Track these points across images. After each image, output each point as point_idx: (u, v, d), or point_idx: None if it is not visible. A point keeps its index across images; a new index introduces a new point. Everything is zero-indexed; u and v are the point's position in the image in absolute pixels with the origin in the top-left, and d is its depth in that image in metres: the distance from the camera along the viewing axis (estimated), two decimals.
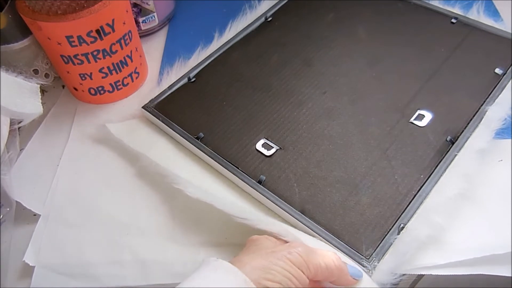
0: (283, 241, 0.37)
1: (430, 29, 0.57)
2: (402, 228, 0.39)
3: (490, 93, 0.48)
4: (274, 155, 0.46)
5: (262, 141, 0.47)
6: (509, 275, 0.36)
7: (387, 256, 0.37)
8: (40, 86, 0.49)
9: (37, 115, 0.48)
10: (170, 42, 0.64)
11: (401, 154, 0.44)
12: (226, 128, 0.49)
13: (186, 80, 0.54)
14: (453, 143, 0.44)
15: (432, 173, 0.42)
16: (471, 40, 0.54)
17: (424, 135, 0.45)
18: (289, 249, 0.32)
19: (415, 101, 0.49)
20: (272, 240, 0.36)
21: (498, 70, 0.50)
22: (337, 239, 0.39)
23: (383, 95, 0.50)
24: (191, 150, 0.48)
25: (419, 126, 0.46)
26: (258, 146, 0.46)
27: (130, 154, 0.50)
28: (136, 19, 0.61)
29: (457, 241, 0.39)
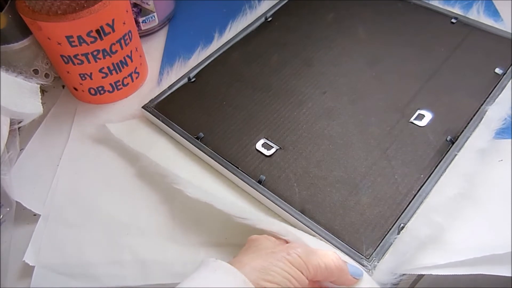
0: (283, 241, 0.37)
1: (430, 29, 0.57)
2: (402, 228, 0.39)
3: (490, 93, 0.48)
4: (274, 155, 0.46)
5: (262, 141, 0.47)
6: (509, 275, 0.36)
7: (387, 256, 0.37)
8: (40, 86, 0.49)
9: (37, 115, 0.48)
10: (170, 42, 0.64)
11: (401, 154, 0.44)
12: (226, 128, 0.49)
13: (186, 80, 0.54)
14: (453, 143, 0.44)
15: (432, 173, 0.42)
16: (471, 40, 0.54)
17: (424, 135, 0.45)
18: (288, 250, 0.32)
19: (415, 101, 0.49)
20: (272, 240, 0.36)
21: (498, 70, 0.50)
22: (337, 239, 0.39)
23: (383, 95, 0.50)
24: (191, 150, 0.48)
25: (419, 126, 0.46)
26: (258, 146, 0.46)
27: (130, 154, 0.50)
28: (136, 19, 0.61)
29: (457, 241, 0.39)
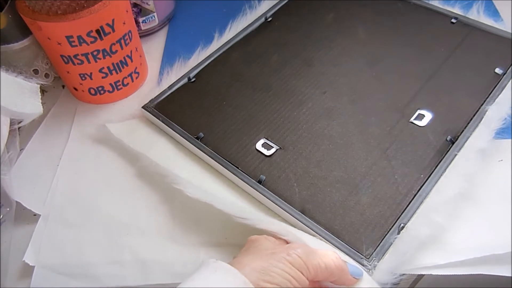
0: (283, 241, 0.37)
1: (430, 29, 0.57)
2: (402, 228, 0.39)
3: (490, 93, 0.48)
4: (274, 155, 0.46)
5: (262, 141, 0.47)
6: (509, 275, 0.36)
7: (387, 256, 0.37)
8: (40, 86, 0.49)
9: (37, 115, 0.48)
10: (170, 42, 0.64)
11: (401, 154, 0.44)
12: (226, 128, 0.49)
13: (186, 80, 0.54)
14: (453, 143, 0.44)
15: (432, 173, 0.42)
16: (471, 40, 0.54)
17: (424, 135, 0.45)
18: (289, 251, 0.32)
19: (415, 101, 0.49)
20: (272, 241, 0.36)
21: (498, 70, 0.50)
22: (337, 239, 0.39)
23: (383, 95, 0.50)
24: (191, 150, 0.48)
25: (419, 126, 0.46)
26: (258, 146, 0.46)
27: (130, 154, 0.50)
28: (136, 19, 0.61)
29: (457, 241, 0.39)
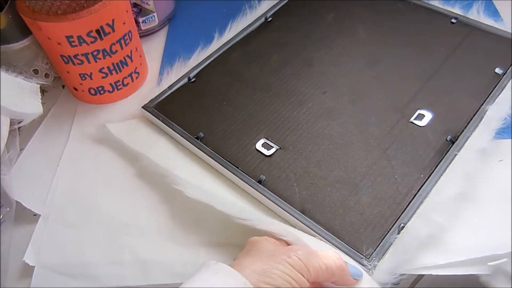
0: (284, 242, 0.37)
1: (430, 29, 0.57)
2: (402, 228, 0.39)
3: (490, 93, 0.48)
4: (274, 155, 0.46)
5: (262, 141, 0.47)
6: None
7: (387, 256, 0.37)
8: (40, 86, 0.49)
9: (37, 115, 0.48)
10: (170, 42, 0.64)
11: (401, 154, 0.44)
12: (226, 128, 0.49)
13: (186, 80, 0.54)
14: (453, 143, 0.44)
15: (432, 173, 0.42)
16: (471, 40, 0.54)
17: (424, 135, 0.45)
18: (289, 253, 0.32)
19: (415, 101, 0.49)
20: (272, 242, 0.36)
21: (498, 70, 0.50)
22: (337, 239, 0.39)
23: (383, 95, 0.50)
24: (191, 150, 0.48)
25: (419, 126, 0.46)
26: (258, 146, 0.46)
27: (130, 154, 0.50)
28: (136, 19, 0.61)
29: (457, 241, 0.39)
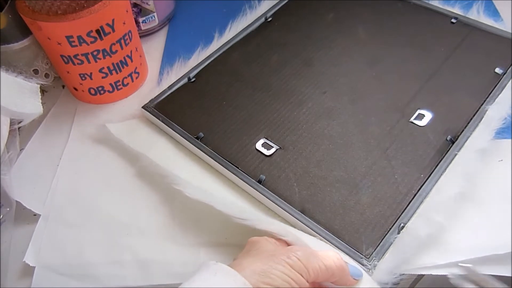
0: (284, 242, 0.37)
1: (430, 29, 0.57)
2: (402, 228, 0.39)
3: (490, 93, 0.48)
4: (274, 155, 0.46)
5: (262, 141, 0.47)
6: (509, 275, 0.36)
7: (387, 256, 0.37)
8: (40, 86, 0.49)
9: (37, 115, 0.49)
10: (170, 42, 0.64)
11: (401, 154, 0.44)
12: (226, 128, 0.49)
13: (186, 80, 0.54)
14: (453, 143, 0.44)
15: (432, 173, 0.42)
16: (471, 40, 0.54)
17: (424, 135, 0.45)
18: (289, 253, 0.32)
19: (415, 101, 0.49)
20: (272, 242, 0.36)
21: (498, 70, 0.50)
22: (337, 239, 0.39)
23: (383, 95, 0.50)
24: (191, 150, 0.48)
25: (419, 126, 0.46)
26: (258, 146, 0.46)
27: (130, 154, 0.50)
28: (136, 19, 0.61)
29: (457, 241, 0.39)
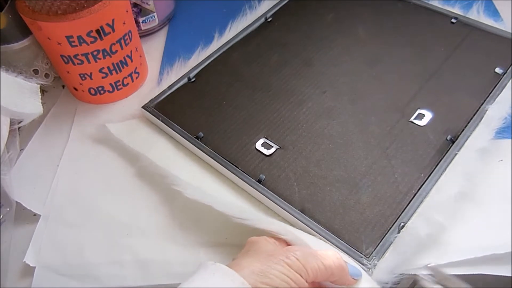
0: (283, 241, 0.37)
1: (430, 29, 0.57)
2: (402, 227, 0.39)
3: (490, 93, 0.48)
4: (274, 154, 0.46)
5: (262, 141, 0.47)
6: (509, 275, 0.36)
7: (387, 255, 0.37)
8: (40, 86, 0.49)
9: (37, 115, 0.49)
10: (170, 42, 0.64)
11: (401, 153, 0.44)
12: (226, 128, 0.49)
13: (186, 80, 0.54)
14: (453, 142, 0.44)
15: (433, 172, 0.42)
16: (471, 40, 0.54)
17: (424, 134, 0.45)
18: (287, 253, 0.32)
19: (415, 101, 0.49)
20: (272, 242, 0.35)
21: (498, 70, 0.50)
22: (337, 238, 0.39)
23: (383, 95, 0.50)
24: (191, 150, 0.48)
25: (419, 125, 0.46)
26: (258, 146, 0.46)
27: (130, 154, 0.50)
28: (136, 19, 0.61)
29: (457, 241, 0.39)
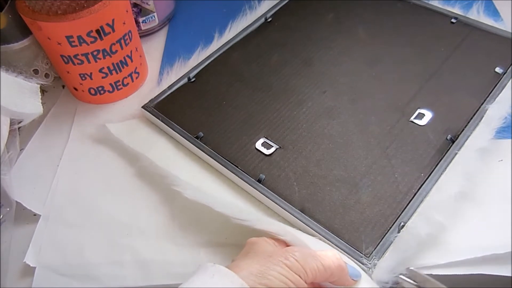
0: (283, 242, 0.37)
1: (430, 29, 0.57)
2: (403, 227, 0.39)
3: (491, 92, 0.48)
4: (274, 154, 0.46)
5: (262, 140, 0.47)
6: (509, 275, 0.36)
7: (387, 255, 0.37)
8: (40, 86, 0.49)
9: (37, 115, 0.49)
10: (170, 42, 0.64)
11: (401, 153, 0.44)
12: (226, 128, 0.49)
13: (186, 80, 0.54)
14: (454, 142, 0.44)
15: (433, 172, 0.42)
16: (471, 40, 0.54)
17: (424, 134, 0.45)
18: (286, 254, 0.32)
19: (415, 100, 0.49)
20: (271, 243, 0.35)
21: (498, 69, 0.50)
22: (337, 238, 0.38)
23: (383, 95, 0.50)
24: (191, 150, 0.48)
25: (419, 125, 0.46)
26: (258, 145, 0.46)
27: (130, 154, 0.49)
28: (136, 19, 0.61)
29: (457, 241, 0.39)
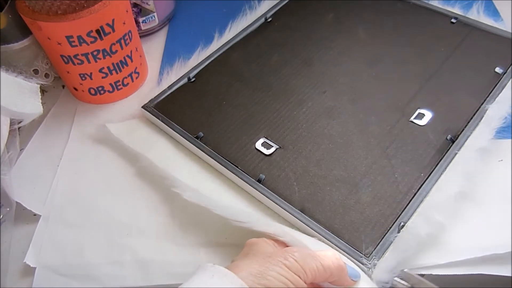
0: (282, 243, 0.37)
1: (430, 29, 0.57)
2: (402, 227, 0.39)
3: (491, 92, 0.48)
4: (274, 154, 0.46)
5: (262, 140, 0.47)
6: (509, 275, 0.36)
7: (387, 255, 0.37)
8: (40, 86, 0.49)
9: (37, 115, 0.49)
10: (170, 42, 0.64)
11: (401, 153, 0.44)
12: (226, 128, 0.49)
13: (186, 80, 0.54)
14: (454, 142, 0.44)
15: (433, 172, 0.42)
16: (471, 40, 0.54)
17: (424, 134, 0.45)
18: (285, 255, 0.32)
19: (415, 100, 0.49)
20: (271, 244, 0.35)
21: (498, 69, 0.50)
22: (337, 238, 0.38)
23: (383, 95, 0.50)
24: (191, 150, 0.48)
25: (419, 125, 0.46)
26: (258, 145, 0.46)
27: (130, 154, 0.50)
28: (136, 19, 0.61)
29: (457, 241, 0.39)
